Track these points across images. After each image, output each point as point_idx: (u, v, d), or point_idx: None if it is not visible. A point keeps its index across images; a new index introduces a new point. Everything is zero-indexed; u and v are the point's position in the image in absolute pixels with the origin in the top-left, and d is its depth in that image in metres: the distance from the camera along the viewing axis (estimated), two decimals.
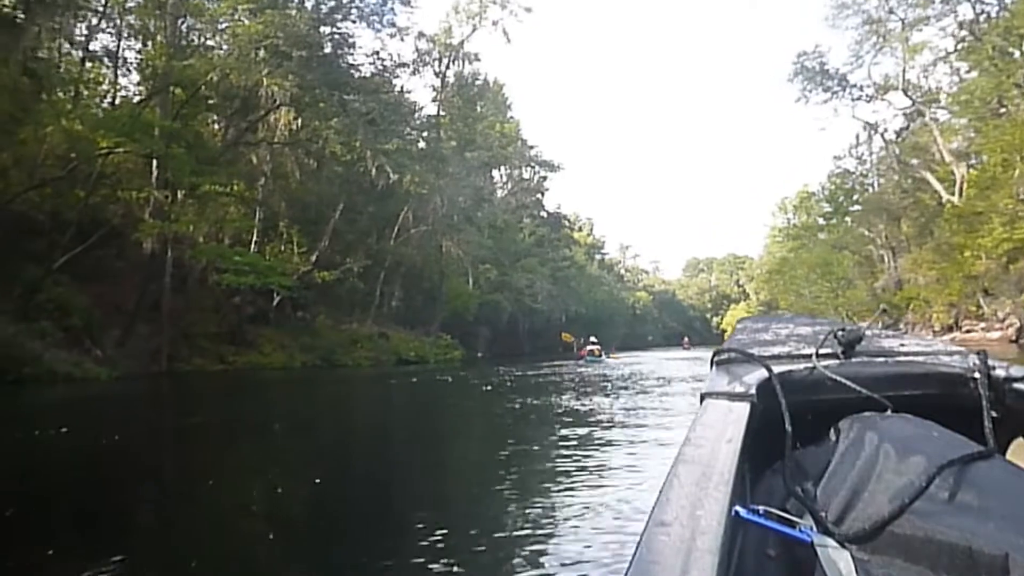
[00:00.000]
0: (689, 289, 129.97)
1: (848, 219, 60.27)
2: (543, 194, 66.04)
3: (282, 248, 32.35)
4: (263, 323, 31.17)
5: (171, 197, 24.48)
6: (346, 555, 4.07)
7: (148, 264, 25.80)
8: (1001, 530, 0.88)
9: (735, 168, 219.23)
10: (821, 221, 67.80)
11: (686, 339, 75.39)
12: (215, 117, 29.16)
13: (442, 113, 44.39)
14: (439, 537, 4.03)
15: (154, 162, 24.49)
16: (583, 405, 12.27)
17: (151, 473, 7.04)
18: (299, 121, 27.77)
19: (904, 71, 41.47)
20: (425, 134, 41.73)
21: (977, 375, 1.48)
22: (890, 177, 48.85)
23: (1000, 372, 1.50)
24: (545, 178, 63.94)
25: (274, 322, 31.71)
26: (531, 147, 60.89)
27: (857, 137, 62.49)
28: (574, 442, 7.77)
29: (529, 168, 61.83)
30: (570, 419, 10.18)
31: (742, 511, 1.03)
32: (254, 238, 30.06)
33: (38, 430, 9.72)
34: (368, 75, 30.48)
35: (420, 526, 4.35)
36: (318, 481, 6.14)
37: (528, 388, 17.86)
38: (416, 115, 39.19)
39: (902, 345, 1.90)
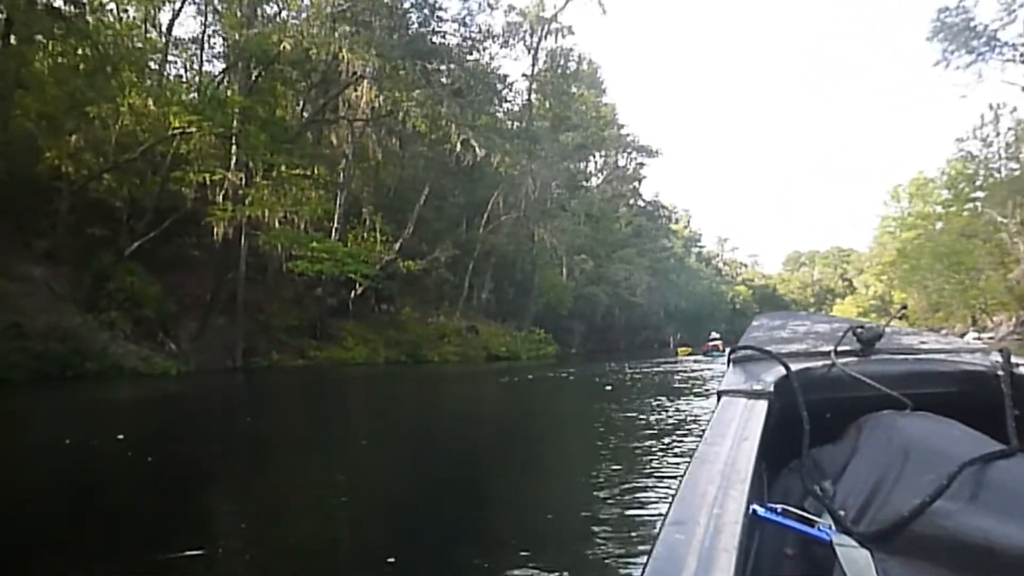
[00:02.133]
0: (790, 284, 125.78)
1: (977, 204, 54.82)
2: (640, 182, 62.68)
3: (364, 236, 30.41)
4: (345, 316, 29.40)
5: (245, 179, 22.76)
6: None
7: (224, 252, 24.31)
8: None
9: (836, 159, 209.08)
10: (939, 209, 62.61)
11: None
12: (293, 95, 27.34)
13: (534, 89, 41.35)
14: None
15: (233, 144, 22.97)
16: None
17: (207, 502, 5.72)
18: (380, 98, 25.55)
19: None
20: (516, 111, 38.90)
21: (1000, 372, 1.42)
22: None
23: (1023, 370, 1.46)
24: (642, 165, 60.48)
25: (357, 315, 29.91)
26: (626, 134, 57.57)
27: (982, 117, 58.20)
28: None
29: (625, 154, 58.43)
30: None
31: (760, 510, 1.00)
32: (335, 225, 28.17)
33: (89, 437, 8.47)
34: (454, 44, 28.18)
35: None
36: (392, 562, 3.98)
37: (658, 388, 15.25)
38: (506, 89, 36.41)
39: (922, 343, 1.88)
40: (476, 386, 19.72)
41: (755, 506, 0.98)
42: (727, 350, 1.92)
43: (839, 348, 1.72)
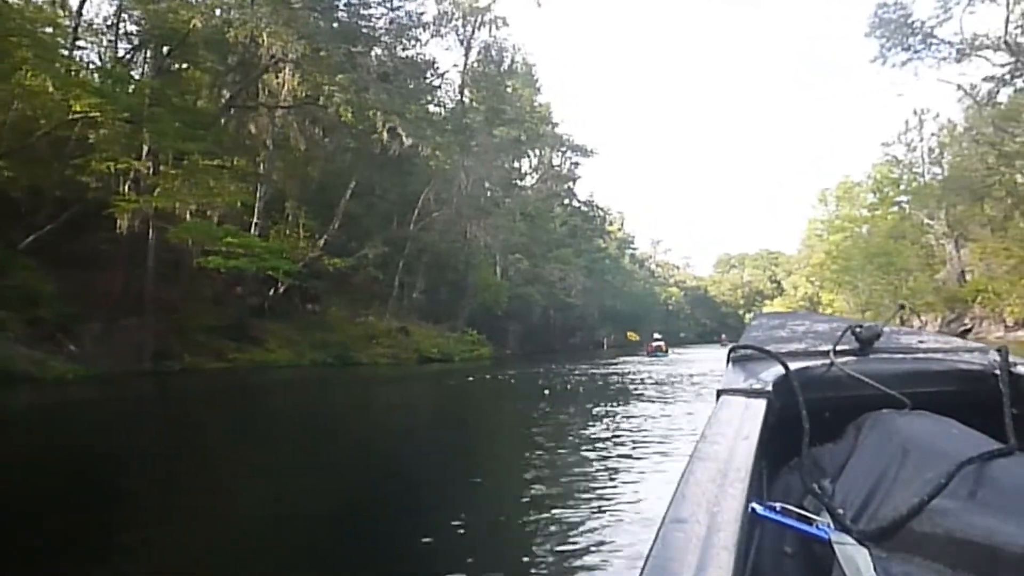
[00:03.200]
0: (721, 285, 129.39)
1: (904, 207, 56.10)
2: (575, 182, 61.92)
3: (287, 232, 28.81)
4: (268, 316, 27.81)
5: (154, 168, 21.10)
6: None
7: (133, 248, 22.62)
8: (1023, 527, 0.84)
9: (765, 163, 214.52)
10: (865, 213, 64.31)
11: (723, 336, 74.65)
12: (209, 79, 25.50)
13: (468, 82, 39.95)
14: None
15: (142, 131, 21.25)
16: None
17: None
18: (301, 83, 23.92)
19: (1008, 20, 34.61)
20: (449, 105, 37.38)
21: (997, 372, 1.45)
22: (973, 151, 43.17)
23: (1021, 369, 1.48)
24: (577, 164, 59.49)
25: (281, 315, 28.34)
26: (562, 133, 56.69)
27: (907, 123, 60.14)
28: None
29: (560, 153, 57.55)
30: None
31: (759, 508, 1.00)
32: (255, 219, 26.47)
33: None
34: (381, 28, 26.69)
35: None
36: None
37: (602, 392, 14.24)
38: (438, 79, 34.84)
39: (921, 342, 1.89)
40: (408, 390, 18.54)
41: (754, 504, 0.98)
42: (729, 352, 1.86)
43: (838, 347, 1.72)
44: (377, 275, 33.42)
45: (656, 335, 39.26)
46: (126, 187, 21.45)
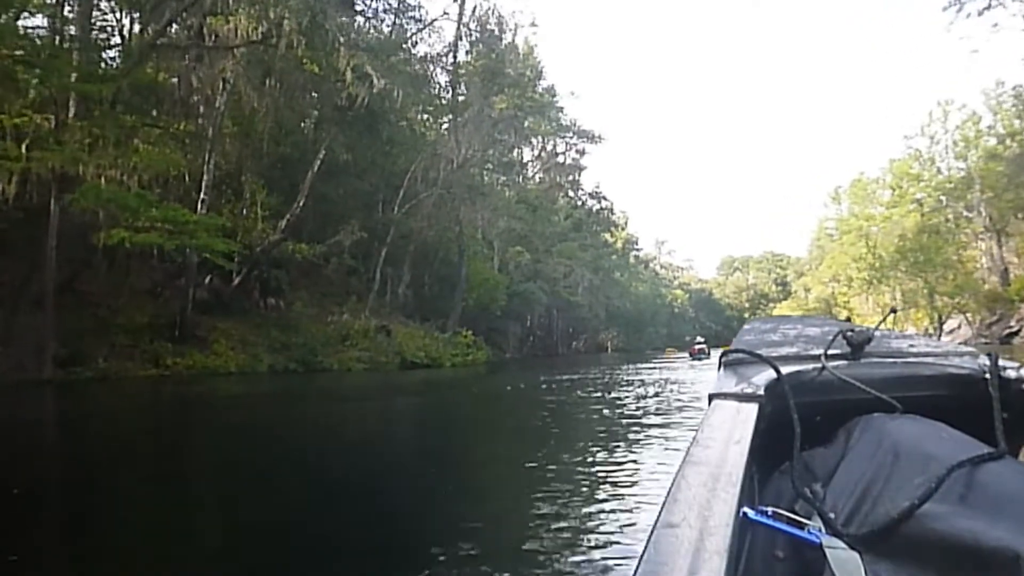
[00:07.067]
0: (726, 288, 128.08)
1: (943, 199, 51.72)
2: (580, 172, 57.06)
3: (243, 211, 23.95)
4: (219, 312, 23.09)
5: (56, 121, 16.43)
6: None
7: (42, 227, 18.12)
8: (1012, 531, 0.86)
9: (765, 165, 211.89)
10: (882, 210, 60.44)
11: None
12: (126, 12, 20.55)
13: (461, 36, 33.30)
14: None
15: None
16: None
17: None
18: (249, 21, 18.91)
19: None
20: (437, 57, 31.54)
21: (987, 376, 1.44)
22: None
23: (1011, 373, 1.47)
24: (582, 153, 54.47)
25: (235, 311, 23.63)
26: (566, 114, 51.43)
27: (930, 114, 57.42)
28: None
29: (563, 140, 52.50)
30: None
31: (750, 512, 1.01)
32: (202, 195, 21.53)
33: None
34: None
35: None
36: None
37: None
38: (425, 26, 29.21)
39: (912, 346, 1.86)
40: (387, 411, 13.36)
41: (746, 508, 0.98)
42: (719, 353, 1.79)
43: (829, 351, 1.69)
44: (355, 266, 28.71)
45: (699, 338, 40.00)
46: (23, 148, 16.67)
